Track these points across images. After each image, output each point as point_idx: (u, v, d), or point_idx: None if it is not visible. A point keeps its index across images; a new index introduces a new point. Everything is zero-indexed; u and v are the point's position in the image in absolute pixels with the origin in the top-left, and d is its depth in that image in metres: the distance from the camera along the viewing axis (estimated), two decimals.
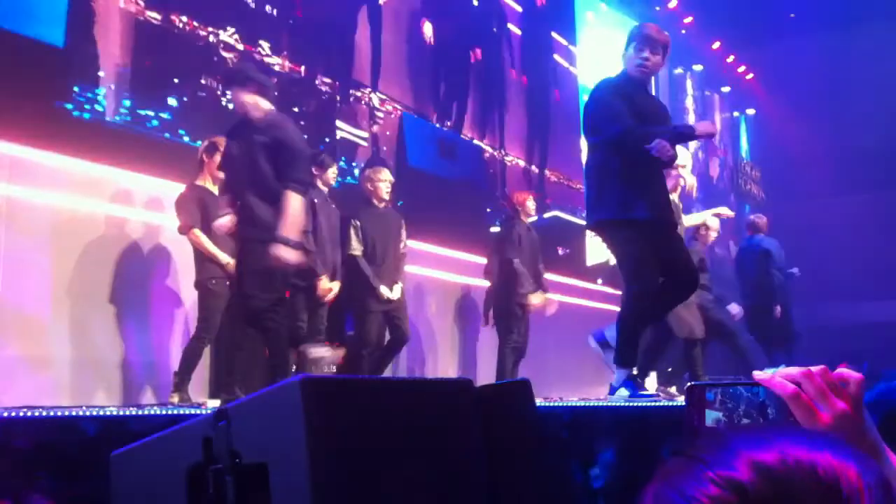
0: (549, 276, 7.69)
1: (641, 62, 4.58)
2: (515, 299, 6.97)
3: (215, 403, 4.56)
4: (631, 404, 4.23)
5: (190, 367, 5.08)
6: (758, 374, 1.03)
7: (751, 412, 1.02)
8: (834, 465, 0.66)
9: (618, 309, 4.72)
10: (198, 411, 3.28)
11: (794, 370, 1.00)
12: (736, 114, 15.76)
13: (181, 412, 3.15)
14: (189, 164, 5.45)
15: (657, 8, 13.19)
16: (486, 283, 7.58)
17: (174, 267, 5.66)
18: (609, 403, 4.29)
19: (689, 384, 1.07)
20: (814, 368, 1.00)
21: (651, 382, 6.52)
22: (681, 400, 5.38)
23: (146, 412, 3.21)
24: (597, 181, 4.53)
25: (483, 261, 7.70)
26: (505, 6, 10.02)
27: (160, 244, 5.66)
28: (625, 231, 4.43)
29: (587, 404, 4.23)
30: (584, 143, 4.92)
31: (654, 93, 13.12)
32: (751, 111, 15.72)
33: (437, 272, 7.80)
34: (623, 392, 4.38)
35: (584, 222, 8.56)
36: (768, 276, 7.97)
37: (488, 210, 9.10)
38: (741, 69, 14.81)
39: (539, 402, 4.22)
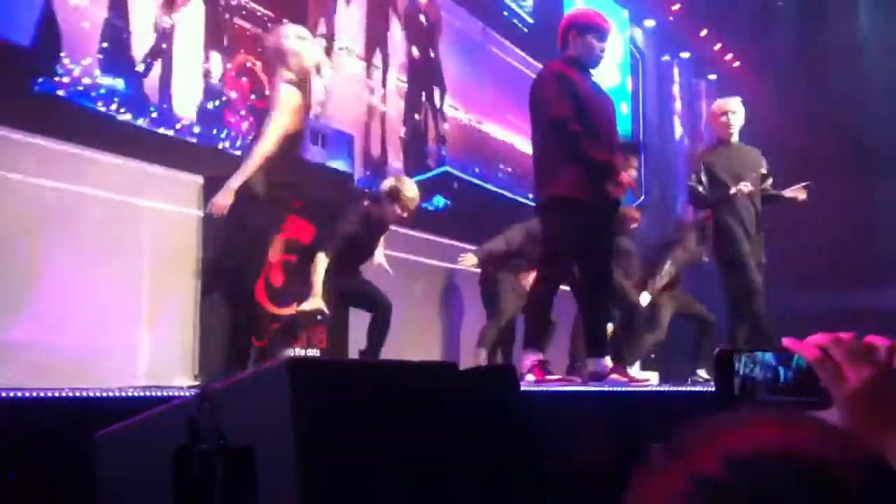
0: None
1: (602, 53, 4.85)
2: None
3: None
4: (614, 389, 4.25)
5: None
6: (786, 341, 1.04)
7: (767, 378, 1.04)
8: (814, 453, 0.64)
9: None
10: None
11: (824, 336, 1.01)
12: None
13: (164, 394, 3.13)
14: None
15: None
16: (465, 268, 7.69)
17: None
18: (593, 388, 4.31)
19: (717, 350, 1.09)
20: (843, 334, 1.00)
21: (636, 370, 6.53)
22: (653, 382, 5.44)
23: (129, 394, 3.20)
24: (542, 164, 4.71)
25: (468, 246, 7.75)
26: None
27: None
28: (561, 210, 4.57)
29: (571, 389, 4.25)
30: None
31: (640, 80, 13.22)
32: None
33: (420, 257, 7.80)
34: (530, 377, 4.44)
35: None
36: None
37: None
38: (728, 57, 14.81)
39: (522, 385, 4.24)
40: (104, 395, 2.95)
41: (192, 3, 6.20)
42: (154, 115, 5.85)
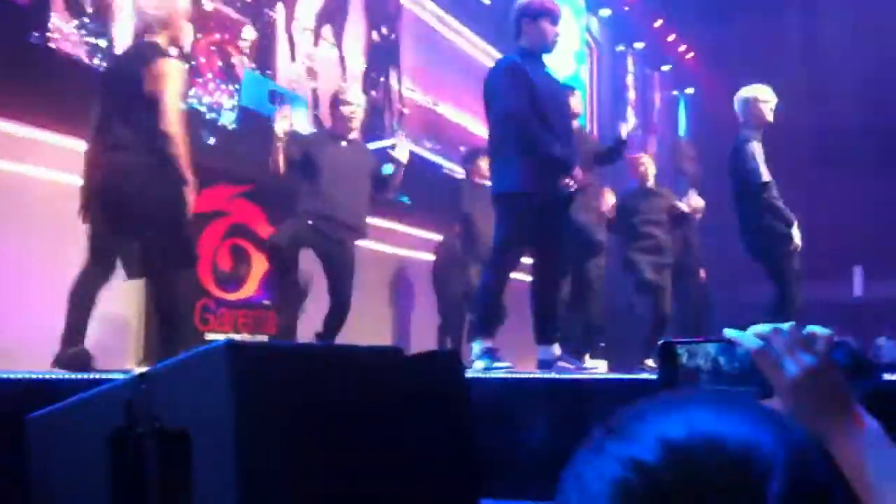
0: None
1: (556, 38, 4.82)
2: None
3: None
4: (561, 377, 4.26)
5: None
6: (728, 332, 1.04)
7: (710, 369, 1.05)
8: (743, 441, 0.64)
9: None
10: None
11: (765, 327, 1.01)
12: (675, 92, 15.91)
13: (98, 377, 3.07)
14: None
15: None
16: (420, 254, 7.68)
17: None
18: (540, 376, 4.31)
19: (661, 341, 1.09)
20: (783, 325, 1.01)
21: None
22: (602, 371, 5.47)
23: (63, 376, 3.14)
24: (496, 157, 4.71)
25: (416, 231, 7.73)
26: None
27: None
28: (515, 203, 4.58)
29: (519, 376, 4.25)
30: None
31: (594, 69, 13.29)
32: (690, 90, 15.88)
33: (374, 244, 7.77)
34: (479, 364, 4.45)
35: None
36: None
37: None
38: (682, 48, 14.94)
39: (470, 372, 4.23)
40: (43, 377, 2.90)
41: None
42: None
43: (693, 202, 8.19)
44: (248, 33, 7.05)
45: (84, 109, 4.77)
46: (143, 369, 4.19)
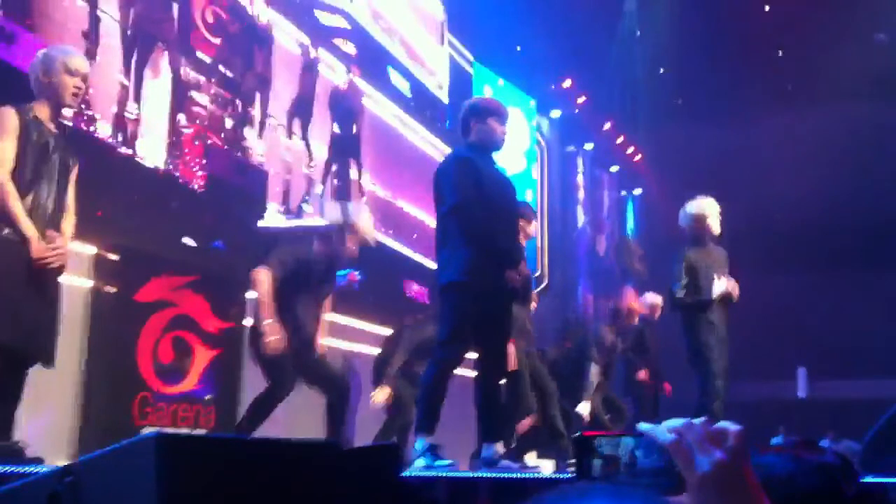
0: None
1: (503, 136, 4.90)
2: None
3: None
4: (507, 476, 4.22)
5: None
6: (642, 426, 1.05)
7: (626, 462, 1.05)
8: None
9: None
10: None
11: (678, 421, 1.03)
12: (623, 193, 16.22)
13: (21, 470, 2.97)
14: None
15: (552, 86, 13.54)
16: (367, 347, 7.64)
17: None
18: (482, 474, 4.26)
19: (576, 434, 1.09)
20: (696, 420, 1.03)
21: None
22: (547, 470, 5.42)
23: None
24: (444, 247, 4.71)
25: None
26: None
27: None
28: (460, 294, 4.57)
29: (459, 475, 4.20)
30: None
31: (544, 168, 13.52)
32: (637, 191, 16.20)
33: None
34: (420, 462, 4.40)
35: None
36: None
37: None
38: (630, 150, 15.28)
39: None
40: None
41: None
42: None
43: (650, 300, 8.37)
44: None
45: None
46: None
